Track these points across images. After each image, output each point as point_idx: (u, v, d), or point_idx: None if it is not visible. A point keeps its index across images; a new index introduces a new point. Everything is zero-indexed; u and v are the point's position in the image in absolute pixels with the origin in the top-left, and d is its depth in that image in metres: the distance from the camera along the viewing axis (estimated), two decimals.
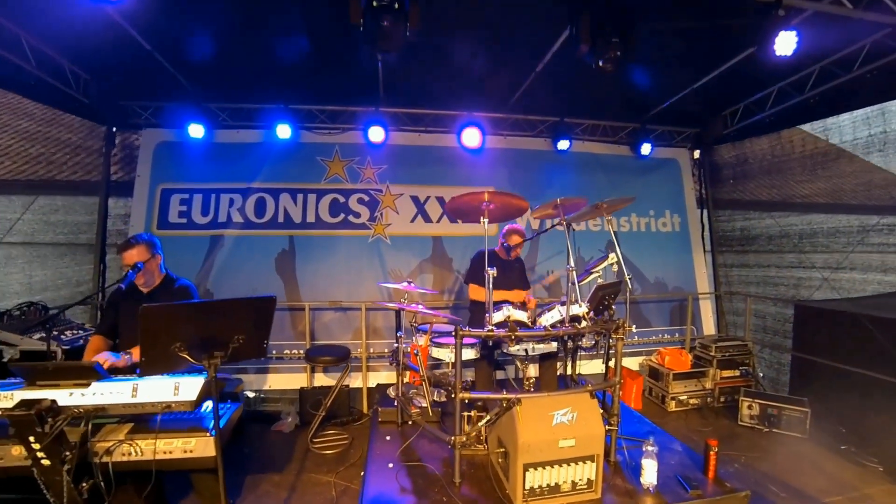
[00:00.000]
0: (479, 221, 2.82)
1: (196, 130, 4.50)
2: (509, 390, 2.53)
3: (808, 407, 3.72)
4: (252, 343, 1.90)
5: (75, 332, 3.25)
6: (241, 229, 4.70)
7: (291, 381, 4.50)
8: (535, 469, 2.26)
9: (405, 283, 3.30)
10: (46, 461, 1.65)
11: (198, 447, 1.92)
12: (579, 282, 2.96)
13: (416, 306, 3.21)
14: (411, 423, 3.23)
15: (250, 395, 4.44)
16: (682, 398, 4.35)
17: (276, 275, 4.67)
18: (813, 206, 4.59)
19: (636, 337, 5.16)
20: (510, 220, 3.69)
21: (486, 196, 2.69)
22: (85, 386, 1.84)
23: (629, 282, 2.80)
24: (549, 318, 2.84)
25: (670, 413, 4.30)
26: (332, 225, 4.84)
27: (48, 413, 1.63)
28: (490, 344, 3.25)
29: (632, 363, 4.91)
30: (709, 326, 5.53)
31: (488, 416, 2.57)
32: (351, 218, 4.88)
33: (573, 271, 2.72)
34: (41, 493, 1.70)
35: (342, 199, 4.90)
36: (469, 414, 2.76)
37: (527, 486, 2.26)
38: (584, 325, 2.66)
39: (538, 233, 4.61)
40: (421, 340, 3.18)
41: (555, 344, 3.21)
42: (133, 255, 2.54)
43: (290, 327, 4.62)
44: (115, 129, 4.72)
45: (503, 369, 4.11)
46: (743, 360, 4.55)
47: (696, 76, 4.09)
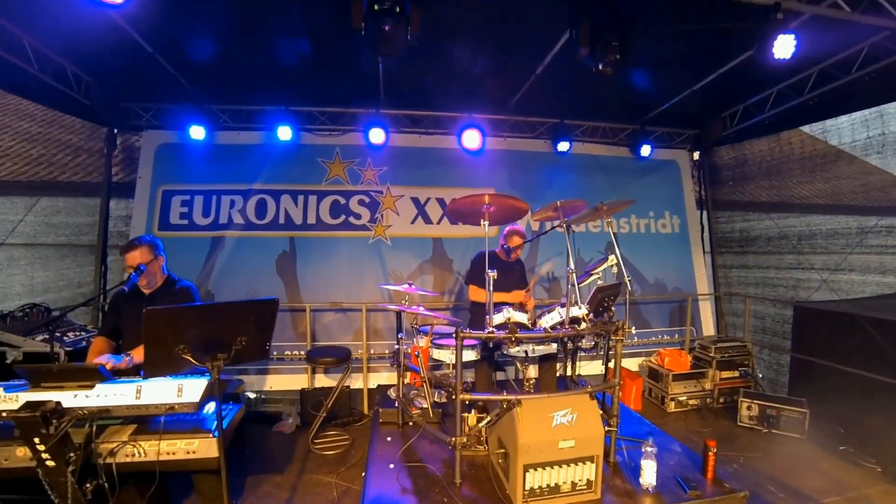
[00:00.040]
0: (479, 224, 2.84)
1: (197, 132, 4.52)
2: (509, 391, 2.54)
3: (807, 408, 3.73)
4: (255, 345, 1.91)
5: (78, 333, 3.26)
6: (242, 231, 4.72)
7: (292, 381, 4.51)
8: (535, 470, 2.28)
9: (406, 285, 3.31)
10: (51, 462, 1.66)
11: (201, 448, 1.94)
12: (579, 283, 2.97)
13: (417, 308, 3.22)
14: (412, 424, 3.25)
15: (251, 395, 4.45)
16: (681, 399, 4.36)
17: (276, 276, 4.69)
18: (812, 207, 4.61)
19: (636, 338, 5.17)
20: (510, 223, 3.71)
21: (487, 199, 2.70)
22: (89, 388, 1.85)
23: (629, 283, 2.81)
24: (549, 320, 2.85)
25: (670, 414, 4.31)
26: (333, 226, 4.86)
27: (53, 415, 1.65)
28: (490, 345, 3.26)
29: (631, 364, 4.92)
30: (708, 327, 5.55)
31: (489, 418, 2.59)
32: (351, 219, 4.89)
33: (573, 273, 2.73)
34: (45, 494, 1.71)
35: (343, 201, 4.92)
36: (469, 415, 2.77)
37: (527, 487, 2.28)
38: (583, 326, 2.67)
39: (538, 234, 4.63)
40: (422, 342, 3.19)
41: (555, 345, 3.23)
42: (136, 256, 2.55)
43: (291, 328, 4.63)
44: (116, 131, 4.74)
45: (503, 370, 4.11)
46: (742, 361, 4.56)
47: (695, 78, 4.11)
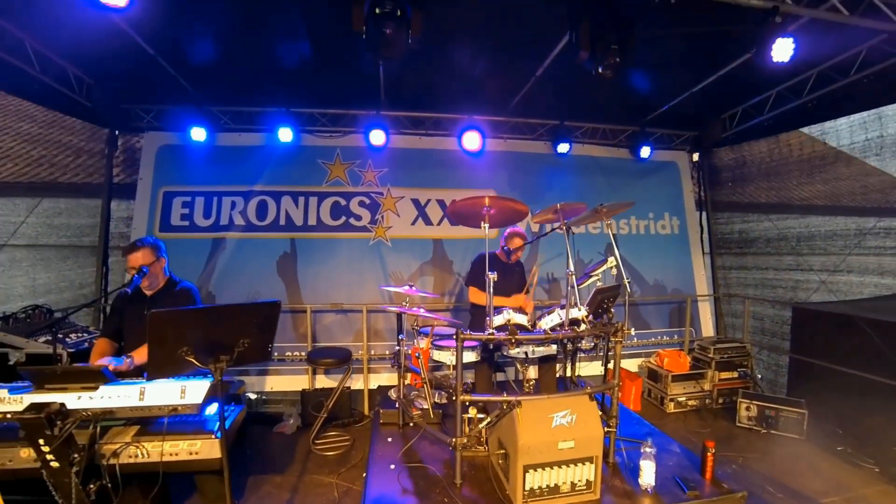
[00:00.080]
0: (479, 226, 2.85)
1: (198, 133, 4.53)
2: (509, 392, 2.55)
3: (806, 408, 3.74)
4: (257, 347, 1.93)
5: (80, 334, 3.27)
6: (243, 232, 4.73)
7: (293, 382, 4.53)
8: (535, 470, 2.30)
9: (406, 287, 3.33)
10: (55, 463, 1.67)
11: (203, 449, 1.96)
12: (578, 285, 2.98)
13: (417, 309, 3.23)
14: (412, 425, 3.26)
15: (252, 396, 4.47)
16: (680, 400, 4.37)
17: (277, 277, 4.70)
18: (811, 208, 4.62)
19: (635, 339, 5.19)
20: (511, 225, 3.71)
21: (487, 201, 2.70)
22: (93, 389, 1.86)
23: (628, 285, 2.83)
24: (549, 322, 2.87)
25: (669, 414, 4.32)
26: (334, 228, 4.87)
27: (57, 416, 1.66)
28: (490, 347, 3.27)
29: (631, 365, 4.94)
30: (707, 328, 5.56)
31: (489, 418, 2.60)
32: (352, 221, 4.91)
33: (573, 275, 2.74)
34: (50, 495, 1.73)
35: (343, 202, 4.94)
36: (469, 416, 2.78)
37: (527, 487, 2.30)
38: (583, 328, 2.69)
39: (538, 236, 4.64)
40: (422, 343, 3.21)
41: (554, 346, 3.25)
42: (138, 257, 2.56)
43: (292, 329, 4.65)
44: (117, 132, 4.75)
45: (503, 371, 4.13)
46: (741, 362, 4.57)
47: (695, 80, 4.12)
